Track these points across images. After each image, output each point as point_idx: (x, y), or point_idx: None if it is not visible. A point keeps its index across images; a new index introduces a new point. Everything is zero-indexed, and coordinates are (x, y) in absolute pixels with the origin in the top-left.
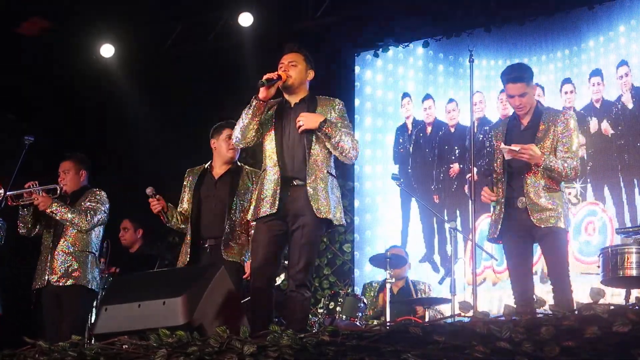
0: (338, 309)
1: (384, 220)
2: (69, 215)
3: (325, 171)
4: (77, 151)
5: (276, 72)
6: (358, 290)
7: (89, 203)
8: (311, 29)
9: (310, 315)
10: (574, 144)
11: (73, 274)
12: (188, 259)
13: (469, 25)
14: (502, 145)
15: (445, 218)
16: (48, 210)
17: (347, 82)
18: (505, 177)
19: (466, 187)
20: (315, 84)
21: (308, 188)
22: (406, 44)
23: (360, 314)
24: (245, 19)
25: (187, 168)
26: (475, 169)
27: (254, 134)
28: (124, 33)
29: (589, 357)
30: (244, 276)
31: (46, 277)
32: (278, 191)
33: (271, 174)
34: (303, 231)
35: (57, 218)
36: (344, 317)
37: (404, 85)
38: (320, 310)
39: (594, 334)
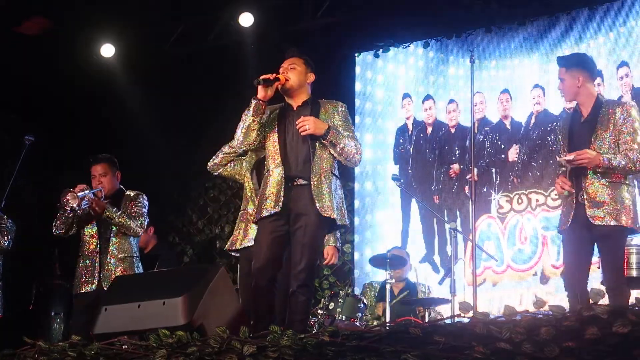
0: (338, 309)
1: (384, 220)
2: (127, 221)
3: (329, 171)
4: (92, 153)
5: (274, 74)
6: (358, 290)
7: (137, 208)
8: (311, 30)
9: (310, 316)
10: (637, 134)
11: None
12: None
13: (470, 25)
14: (558, 158)
15: (446, 218)
16: (105, 215)
17: (347, 82)
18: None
19: (466, 187)
20: (315, 84)
21: (312, 187)
22: (407, 44)
23: (360, 315)
24: (246, 19)
25: (189, 168)
26: (475, 170)
27: (255, 135)
28: (124, 33)
29: (589, 357)
30: None
31: (96, 283)
32: (282, 190)
33: (275, 174)
34: (306, 230)
35: (114, 222)
36: (343, 317)
37: (405, 86)
38: (320, 311)
39: (594, 335)
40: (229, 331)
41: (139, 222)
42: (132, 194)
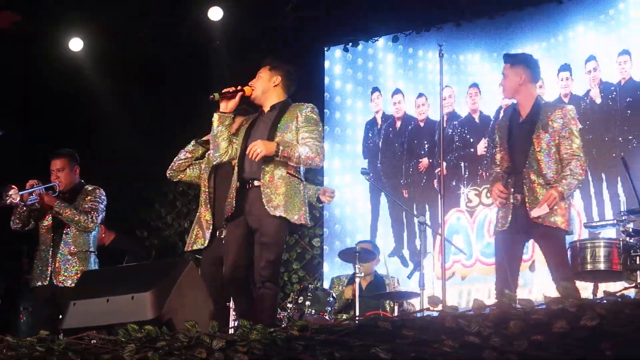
0: (307, 303)
1: (353, 214)
2: (76, 217)
3: (285, 172)
4: (60, 147)
5: (238, 86)
6: (327, 284)
7: (90, 203)
8: (281, 24)
9: (279, 310)
10: (574, 142)
11: (76, 274)
12: (206, 245)
13: (439, 20)
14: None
15: (415, 212)
16: (54, 210)
17: (316, 76)
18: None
19: (435, 181)
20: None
21: (262, 188)
22: (376, 38)
23: (329, 309)
24: (215, 14)
25: (158, 162)
26: (444, 164)
27: (225, 145)
28: (93, 27)
29: (558, 351)
30: None
31: (48, 277)
32: (236, 193)
33: (233, 177)
34: (261, 230)
35: (62, 217)
36: (313, 311)
37: (374, 80)
38: (289, 305)
39: (563, 328)
40: (198, 325)
41: (90, 217)
42: (90, 188)
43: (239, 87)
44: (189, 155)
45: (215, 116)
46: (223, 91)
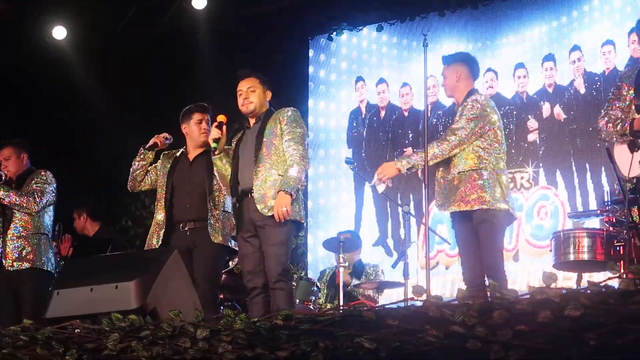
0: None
1: (338, 204)
2: (17, 199)
3: (276, 174)
4: (27, 137)
5: (215, 124)
6: (312, 274)
7: (35, 185)
8: (265, 13)
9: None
10: (463, 123)
11: (27, 257)
12: (160, 243)
13: (423, 9)
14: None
15: (399, 202)
16: None
17: (300, 66)
18: None
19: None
20: (269, 68)
21: (255, 196)
22: (360, 27)
23: (313, 298)
24: (199, 2)
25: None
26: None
27: (229, 175)
28: (76, 15)
29: (542, 341)
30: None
31: None
32: (236, 204)
33: (232, 192)
34: (264, 234)
35: (5, 202)
36: (297, 301)
37: (358, 69)
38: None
39: (547, 318)
40: (182, 315)
41: (32, 199)
42: (37, 171)
43: (218, 122)
44: (142, 162)
45: (216, 158)
46: (214, 139)
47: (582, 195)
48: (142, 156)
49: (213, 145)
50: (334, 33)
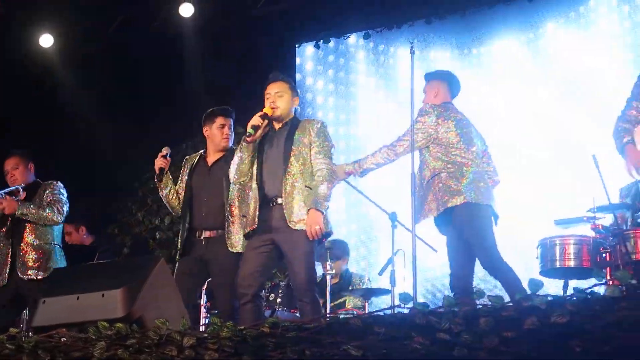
0: (278, 300)
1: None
2: (42, 213)
3: (303, 185)
4: (18, 144)
5: (260, 113)
6: None
7: (52, 196)
8: (252, 20)
9: None
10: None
11: (43, 267)
12: (182, 251)
13: (410, 17)
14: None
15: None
16: (18, 213)
17: (287, 73)
18: None
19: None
20: (256, 76)
21: (284, 204)
22: (347, 35)
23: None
24: (186, 10)
25: (129, 159)
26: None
27: (248, 168)
28: (63, 22)
29: (528, 347)
30: None
31: (7, 273)
32: (258, 209)
33: (253, 193)
34: (287, 246)
35: (29, 217)
36: (284, 308)
37: (345, 77)
38: None
39: (533, 325)
40: (169, 323)
41: (56, 209)
42: (47, 183)
43: (263, 113)
44: (165, 190)
45: (244, 146)
46: (252, 125)
47: (568, 202)
48: (161, 186)
49: (250, 130)
50: (321, 40)
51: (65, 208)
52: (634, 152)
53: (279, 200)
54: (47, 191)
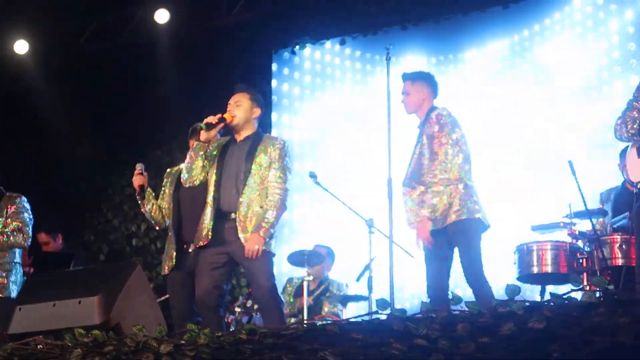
0: (255, 306)
1: (302, 217)
2: (9, 243)
3: (258, 207)
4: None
5: (218, 115)
6: (279, 286)
7: (18, 221)
8: (227, 26)
9: (227, 313)
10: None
11: (3, 287)
12: (174, 264)
13: (386, 22)
14: None
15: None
16: None
17: (263, 79)
18: None
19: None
20: (233, 82)
21: (237, 221)
22: (323, 41)
23: None
24: (161, 16)
25: (104, 165)
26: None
27: (199, 171)
28: (38, 29)
29: (505, 353)
30: None
31: None
32: (211, 221)
33: (209, 207)
34: (246, 261)
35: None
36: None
37: (321, 83)
38: (238, 309)
39: (510, 331)
40: (145, 330)
41: (23, 236)
42: (11, 197)
43: (221, 116)
44: (148, 206)
45: (197, 146)
46: (206, 122)
47: (545, 208)
48: (143, 203)
49: (202, 125)
50: (297, 47)
51: (30, 228)
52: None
53: (233, 215)
54: (12, 209)
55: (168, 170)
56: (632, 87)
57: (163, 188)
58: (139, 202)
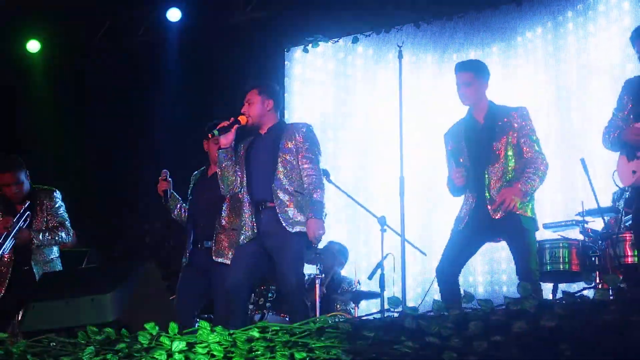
0: (268, 304)
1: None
2: (56, 239)
3: (292, 190)
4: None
5: (231, 118)
6: None
7: (57, 216)
8: (241, 24)
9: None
10: (535, 141)
11: None
12: (187, 263)
13: (398, 21)
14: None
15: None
16: (34, 245)
17: (276, 77)
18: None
19: None
20: (245, 80)
21: (276, 207)
22: (336, 39)
23: None
24: (174, 15)
25: (120, 163)
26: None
27: (233, 178)
28: (50, 28)
29: (517, 351)
30: None
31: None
32: (252, 215)
33: (244, 199)
34: (282, 248)
35: (45, 246)
36: (273, 312)
37: (334, 81)
38: (250, 307)
39: (522, 329)
40: (158, 327)
41: (66, 231)
42: (45, 193)
43: (234, 119)
44: (176, 211)
45: (220, 153)
46: (219, 127)
47: (557, 206)
48: (169, 208)
49: (215, 131)
50: (310, 45)
51: (68, 222)
52: (629, 130)
53: (269, 204)
54: (48, 206)
55: (194, 173)
56: None
57: (189, 190)
58: (165, 207)
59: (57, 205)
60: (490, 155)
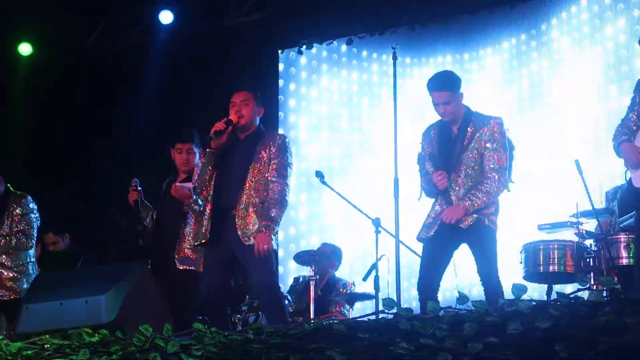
0: None
1: (309, 216)
2: (12, 245)
3: (258, 201)
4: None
5: (224, 120)
6: (282, 287)
7: (24, 222)
8: (234, 26)
9: (234, 314)
10: (500, 156)
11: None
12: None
13: (393, 23)
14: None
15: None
16: None
17: (270, 79)
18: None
19: None
20: (239, 82)
21: (237, 217)
22: (330, 41)
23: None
24: (166, 17)
25: (112, 165)
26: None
27: (209, 177)
28: (43, 30)
29: (512, 353)
30: None
31: None
32: (210, 222)
33: (209, 204)
34: (245, 258)
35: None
36: None
37: (328, 82)
38: (244, 308)
39: (517, 330)
40: (153, 329)
41: (26, 237)
42: (16, 197)
43: (227, 120)
44: (147, 219)
45: (207, 153)
46: (214, 131)
47: (551, 207)
48: (142, 216)
49: (211, 135)
50: (304, 46)
51: (34, 230)
52: (629, 147)
53: (233, 212)
54: (17, 211)
55: (167, 179)
56: None
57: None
58: (140, 216)
59: (24, 212)
60: (457, 163)
